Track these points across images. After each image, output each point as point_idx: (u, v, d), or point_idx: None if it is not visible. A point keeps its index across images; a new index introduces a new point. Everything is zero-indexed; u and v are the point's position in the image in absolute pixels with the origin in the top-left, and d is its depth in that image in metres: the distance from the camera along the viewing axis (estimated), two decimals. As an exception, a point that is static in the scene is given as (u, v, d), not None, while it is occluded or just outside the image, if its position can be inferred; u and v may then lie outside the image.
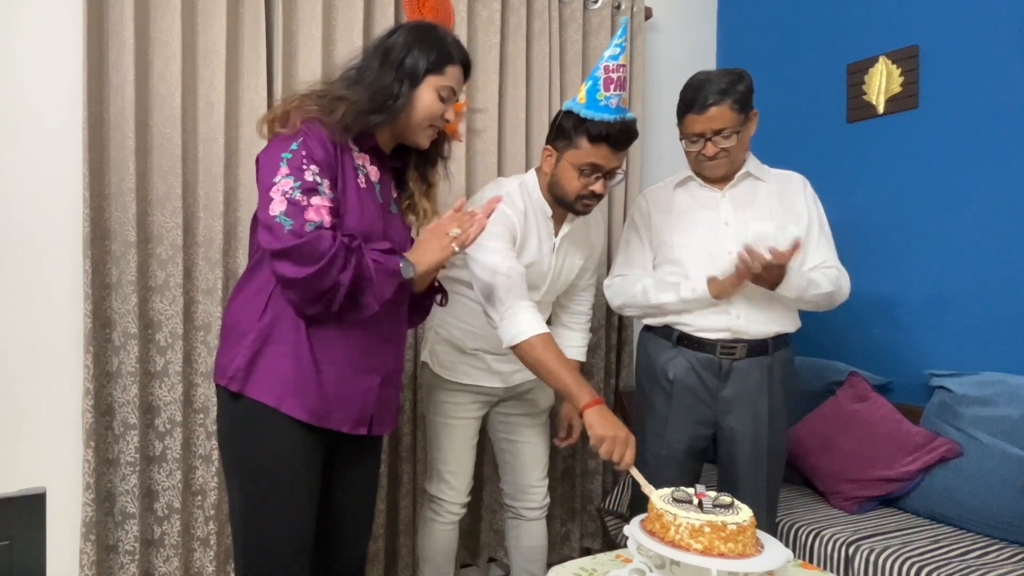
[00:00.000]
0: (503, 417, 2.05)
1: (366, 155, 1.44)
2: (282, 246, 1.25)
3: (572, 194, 1.78)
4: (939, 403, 2.17)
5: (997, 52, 2.19)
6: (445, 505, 1.98)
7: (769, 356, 1.83)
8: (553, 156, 1.80)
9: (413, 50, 1.40)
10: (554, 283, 1.93)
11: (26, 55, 1.90)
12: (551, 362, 1.62)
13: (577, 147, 1.73)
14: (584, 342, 2.12)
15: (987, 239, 2.21)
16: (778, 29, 2.87)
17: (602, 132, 1.69)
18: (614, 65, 1.68)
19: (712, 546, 1.12)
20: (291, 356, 1.35)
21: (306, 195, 1.27)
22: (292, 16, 2.15)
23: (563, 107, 1.78)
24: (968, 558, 1.81)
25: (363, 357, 1.41)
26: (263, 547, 1.37)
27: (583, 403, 1.58)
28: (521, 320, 1.65)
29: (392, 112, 1.39)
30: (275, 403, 1.34)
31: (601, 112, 1.69)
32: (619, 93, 1.69)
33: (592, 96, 1.70)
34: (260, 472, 1.37)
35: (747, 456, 1.83)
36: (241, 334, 1.37)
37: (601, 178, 1.76)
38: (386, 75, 1.38)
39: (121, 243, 1.95)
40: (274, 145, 1.34)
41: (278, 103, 1.43)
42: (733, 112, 1.75)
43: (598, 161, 1.73)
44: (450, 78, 1.43)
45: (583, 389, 1.61)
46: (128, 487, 1.97)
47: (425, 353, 2.02)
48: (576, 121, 1.72)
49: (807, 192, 1.89)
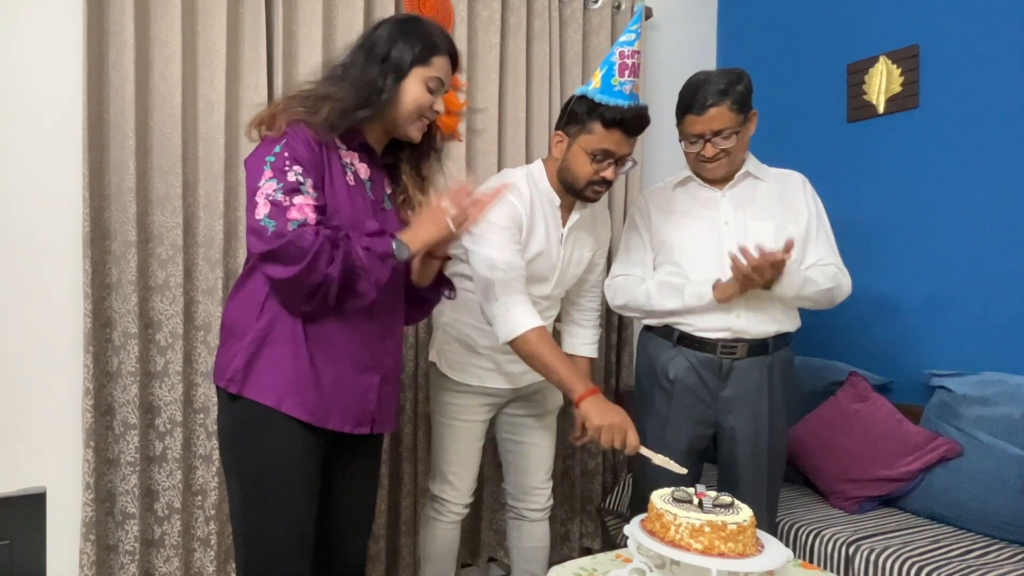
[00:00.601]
0: (509, 417, 2.04)
1: (355, 153, 1.43)
2: (266, 248, 1.25)
3: (583, 179, 1.77)
4: (939, 403, 2.17)
5: (998, 52, 2.19)
6: (448, 505, 1.98)
7: (769, 356, 1.83)
8: (564, 141, 1.78)
9: (398, 43, 1.38)
10: (563, 275, 1.92)
11: (26, 55, 1.90)
12: (545, 355, 1.63)
13: (590, 132, 1.72)
14: (595, 338, 2.12)
15: (987, 239, 2.21)
16: (778, 28, 2.87)
17: (616, 117, 1.68)
18: (629, 51, 1.68)
19: (712, 546, 1.12)
20: (289, 356, 1.34)
21: (288, 195, 1.27)
22: (292, 16, 2.15)
23: (576, 92, 1.77)
24: (968, 558, 1.81)
25: (363, 355, 1.41)
26: (264, 547, 1.37)
27: (577, 395, 1.60)
28: (515, 315, 1.66)
29: (378, 106, 1.37)
30: (274, 403, 1.33)
31: (616, 97, 1.68)
32: (633, 79, 1.69)
33: (607, 81, 1.69)
34: (260, 472, 1.36)
35: (747, 456, 1.83)
36: (239, 335, 1.37)
37: (613, 164, 1.75)
38: (371, 70, 1.37)
39: (121, 243, 1.95)
40: (259, 149, 1.34)
41: (265, 106, 1.43)
42: (732, 113, 1.75)
43: (611, 147, 1.72)
44: (437, 68, 1.42)
45: (577, 381, 1.62)
46: (128, 487, 1.97)
47: (433, 353, 2.00)
48: (590, 106, 1.70)
49: (806, 190, 1.89)
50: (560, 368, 1.63)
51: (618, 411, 1.58)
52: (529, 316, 1.66)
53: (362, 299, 1.32)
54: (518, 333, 1.64)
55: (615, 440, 1.55)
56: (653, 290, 1.87)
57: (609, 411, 1.57)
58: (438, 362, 1.97)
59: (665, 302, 1.84)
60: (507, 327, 1.66)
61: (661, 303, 1.84)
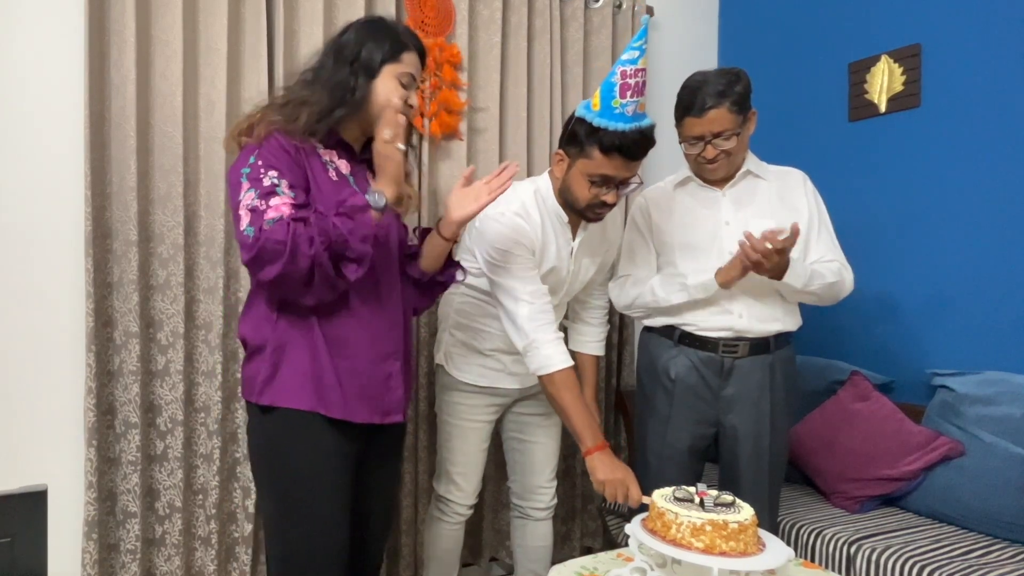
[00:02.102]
0: (515, 416, 2.04)
1: (332, 151, 1.45)
2: (249, 256, 1.26)
3: (583, 202, 1.73)
4: (941, 402, 2.17)
5: (999, 51, 2.19)
6: (452, 506, 1.98)
7: (771, 354, 1.82)
8: (565, 161, 1.73)
9: (367, 43, 1.41)
10: (571, 286, 1.92)
11: (27, 54, 1.90)
12: (566, 401, 1.66)
13: (589, 157, 1.65)
14: (601, 336, 2.11)
15: (989, 238, 2.20)
16: (779, 27, 2.87)
17: (615, 143, 1.61)
18: (632, 70, 1.58)
19: (713, 545, 1.12)
20: (308, 358, 1.37)
21: (264, 199, 1.28)
22: (293, 15, 2.15)
23: (576, 111, 1.69)
24: (970, 558, 1.80)
25: (378, 345, 1.43)
26: (299, 558, 1.38)
27: (585, 448, 1.65)
28: (545, 354, 1.66)
29: (353, 105, 1.40)
30: (301, 405, 1.35)
31: (615, 121, 1.60)
32: (636, 99, 1.60)
33: (607, 103, 1.60)
34: (295, 483, 1.38)
35: (749, 455, 1.83)
36: (259, 348, 1.39)
37: (614, 188, 1.70)
38: (341, 70, 1.40)
39: (122, 242, 1.95)
40: (237, 161, 1.36)
41: (242, 116, 1.44)
42: (732, 114, 1.73)
43: (610, 172, 1.66)
44: (408, 64, 1.44)
45: (588, 432, 1.65)
46: (129, 486, 1.97)
47: (439, 355, 2.01)
48: (588, 129, 1.63)
49: (807, 188, 1.88)
50: (576, 418, 1.65)
51: (622, 467, 1.62)
52: (560, 356, 1.67)
53: (360, 263, 1.32)
54: (548, 372, 1.66)
55: (618, 495, 1.59)
56: (657, 287, 1.86)
57: (613, 466, 1.61)
58: (445, 364, 1.98)
59: (671, 297, 1.83)
60: (537, 362, 1.68)
61: (667, 299, 1.84)
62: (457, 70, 2.38)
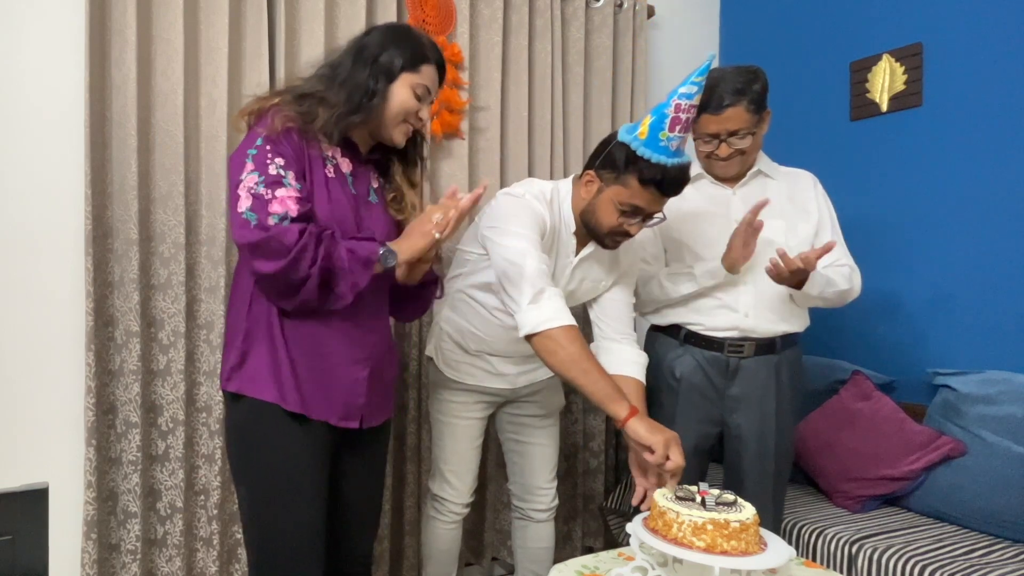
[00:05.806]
0: (511, 417, 2.03)
1: (336, 148, 1.44)
2: (248, 241, 1.26)
3: (605, 228, 1.64)
4: (943, 402, 2.17)
5: (1001, 49, 2.18)
6: (447, 504, 1.97)
7: (777, 355, 1.82)
8: (595, 184, 1.64)
9: (388, 48, 1.40)
10: (568, 300, 1.76)
11: (28, 53, 1.90)
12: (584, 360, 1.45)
13: (624, 185, 1.57)
14: (640, 357, 1.77)
15: (991, 237, 2.20)
16: (781, 27, 2.87)
17: (656, 177, 1.54)
18: (686, 104, 1.50)
19: (715, 544, 1.11)
20: (268, 352, 1.37)
21: (270, 188, 1.28)
22: (294, 14, 2.15)
23: (618, 134, 1.60)
24: (972, 557, 1.80)
25: (347, 350, 1.42)
26: (276, 548, 1.38)
27: (623, 415, 1.45)
28: (555, 306, 1.49)
29: (369, 110, 1.39)
30: (267, 397, 1.35)
31: (659, 154, 1.52)
32: (682, 135, 1.53)
33: (654, 133, 1.52)
34: (264, 471, 1.38)
35: (753, 455, 1.83)
36: (233, 335, 1.41)
37: (639, 220, 1.62)
38: (360, 72, 1.39)
39: (123, 241, 1.95)
40: (242, 144, 1.36)
41: (252, 99, 1.43)
42: (749, 113, 1.72)
43: (642, 204, 1.59)
44: (425, 77, 1.44)
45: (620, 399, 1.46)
46: (130, 486, 1.97)
47: (430, 347, 1.99)
48: (630, 156, 1.55)
49: (817, 190, 1.88)
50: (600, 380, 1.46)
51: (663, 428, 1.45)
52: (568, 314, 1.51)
53: (339, 300, 1.33)
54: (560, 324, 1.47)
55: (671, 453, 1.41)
56: (664, 280, 1.86)
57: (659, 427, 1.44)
58: (435, 358, 1.96)
59: (679, 288, 1.82)
60: (544, 315, 1.48)
61: (676, 290, 1.83)
62: (458, 69, 2.38)
